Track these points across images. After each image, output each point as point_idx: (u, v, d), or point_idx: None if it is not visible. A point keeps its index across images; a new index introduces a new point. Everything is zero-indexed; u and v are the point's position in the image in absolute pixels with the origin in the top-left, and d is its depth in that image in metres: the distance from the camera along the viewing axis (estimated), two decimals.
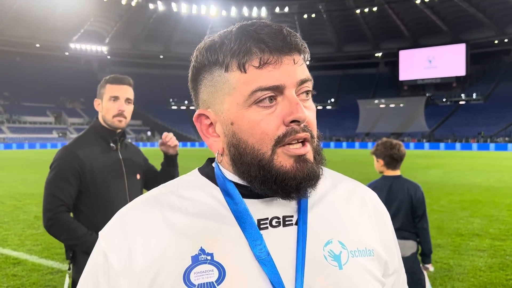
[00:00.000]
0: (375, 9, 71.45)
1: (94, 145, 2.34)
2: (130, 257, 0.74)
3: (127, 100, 2.36)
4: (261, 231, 0.75)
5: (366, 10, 72.42)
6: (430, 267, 3.33)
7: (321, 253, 0.76)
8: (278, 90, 0.71)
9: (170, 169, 2.61)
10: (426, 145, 52.60)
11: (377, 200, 0.90)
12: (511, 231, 7.33)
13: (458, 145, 50.32)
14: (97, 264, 0.77)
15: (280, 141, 0.72)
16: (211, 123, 0.80)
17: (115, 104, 2.32)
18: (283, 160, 0.72)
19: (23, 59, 75.25)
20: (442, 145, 51.34)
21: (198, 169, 0.85)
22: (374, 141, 57.75)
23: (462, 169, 20.38)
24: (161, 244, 0.74)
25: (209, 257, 0.72)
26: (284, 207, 0.77)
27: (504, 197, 11.20)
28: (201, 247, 0.73)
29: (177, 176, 2.57)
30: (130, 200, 2.34)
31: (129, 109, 2.38)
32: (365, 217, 0.85)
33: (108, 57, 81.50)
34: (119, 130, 2.41)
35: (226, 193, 0.77)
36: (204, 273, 0.71)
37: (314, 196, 0.81)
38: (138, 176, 2.48)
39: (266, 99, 0.71)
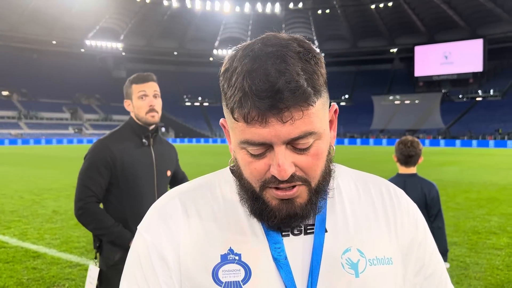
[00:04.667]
0: (390, 4, 70.67)
1: (127, 140, 2.44)
2: (177, 246, 0.79)
3: (155, 95, 2.44)
4: (283, 238, 0.78)
5: (381, 5, 71.67)
6: (446, 265, 3.31)
7: (338, 261, 0.78)
8: (266, 145, 0.72)
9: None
10: (442, 142, 51.98)
11: (404, 200, 0.89)
12: None
13: (474, 142, 49.58)
14: (146, 256, 0.80)
15: (265, 185, 0.74)
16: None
17: (144, 101, 2.41)
18: (270, 198, 0.75)
19: (39, 56, 76.43)
20: (458, 142, 50.66)
21: (230, 167, 0.88)
22: (388, 138, 57.24)
23: (478, 167, 20.10)
24: (195, 239, 0.79)
25: (237, 257, 0.77)
26: None
27: None
28: (230, 247, 0.77)
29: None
30: (158, 195, 2.43)
31: (158, 103, 2.46)
32: (389, 221, 0.85)
33: (123, 53, 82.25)
34: (152, 127, 2.49)
35: None
36: (232, 272, 0.76)
37: (337, 200, 0.84)
38: (168, 173, 2.57)
39: (255, 155, 0.73)
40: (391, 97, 73.72)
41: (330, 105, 0.80)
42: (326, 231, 0.80)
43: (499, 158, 27.59)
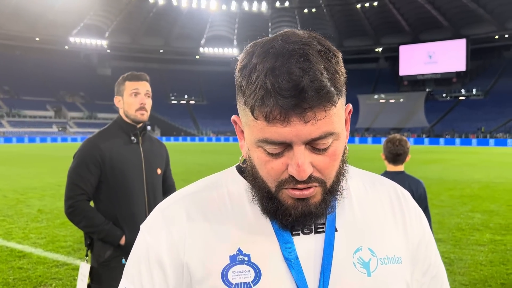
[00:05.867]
0: (375, 3, 71.28)
1: (116, 137, 2.45)
2: (177, 251, 0.78)
3: (147, 94, 2.47)
4: (293, 237, 0.77)
5: (367, 4, 72.25)
6: None
7: (350, 260, 0.78)
8: (285, 144, 0.71)
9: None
10: (426, 140, 52.67)
11: (410, 201, 0.89)
12: (511, 226, 7.38)
13: (457, 140, 50.38)
14: (145, 257, 0.80)
15: (282, 185, 0.74)
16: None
17: (136, 98, 2.43)
18: (286, 197, 0.75)
19: (22, 53, 75.11)
20: (441, 140, 51.41)
21: (236, 167, 0.87)
22: (374, 137, 57.78)
23: (462, 165, 20.44)
24: (202, 241, 0.78)
25: (246, 258, 0.76)
26: None
27: (504, 193, 11.27)
28: (239, 248, 0.76)
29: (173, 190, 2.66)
30: (148, 193, 2.45)
31: (149, 103, 2.49)
32: (397, 221, 0.85)
33: (108, 51, 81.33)
34: (140, 124, 2.51)
35: None
36: (242, 273, 0.75)
37: (346, 200, 0.83)
38: (158, 171, 2.57)
39: (274, 154, 0.72)
40: (376, 96, 74.39)
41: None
42: (336, 230, 0.79)
43: (481, 156, 28.10)
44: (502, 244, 6.22)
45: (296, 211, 0.74)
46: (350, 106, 0.82)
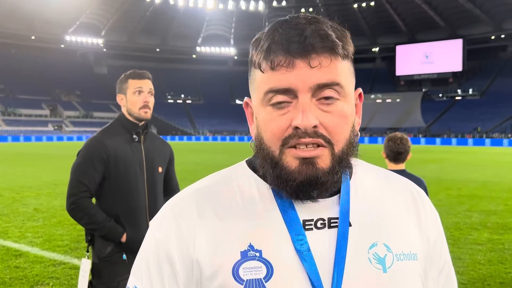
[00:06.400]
0: (372, 3, 71.39)
1: (119, 135, 2.46)
2: (187, 247, 0.76)
3: (150, 92, 2.48)
4: (306, 232, 0.75)
5: (364, 4, 72.36)
6: None
7: (365, 256, 0.76)
8: (291, 93, 0.70)
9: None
10: (422, 140, 52.81)
11: (425, 199, 0.88)
12: (508, 225, 7.41)
13: (454, 140, 50.56)
14: (154, 254, 0.78)
15: (286, 142, 0.72)
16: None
17: (139, 96, 2.44)
18: (290, 160, 0.73)
19: (18, 51, 74.74)
20: (438, 140, 51.56)
21: (246, 161, 0.86)
22: (370, 136, 57.89)
23: (458, 164, 20.51)
24: (212, 237, 0.76)
25: (257, 254, 0.74)
26: (330, 209, 0.78)
27: (501, 192, 11.32)
28: (250, 243, 0.74)
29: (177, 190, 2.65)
30: (148, 191, 2.46)
31: (152, 101, 2.50)
32: (412, 218, 0.84)
33: (104, 50, 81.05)
34: (142, 123, 2.52)
35: (274, 189, 0.79)
36: (253, 269, 0.73)
37: (361, 195, 0.82)
38: (159, 169, 2.57)
39: (279, 102, 0.72)
40: (372, 96, 74.51)
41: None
42: (350, 225, 0.78)
43: (478, 155, 28.20)
44: (500, 243, 6.23)
45: (300, 175, 0.72)
46: (360, 89, 0.81)
